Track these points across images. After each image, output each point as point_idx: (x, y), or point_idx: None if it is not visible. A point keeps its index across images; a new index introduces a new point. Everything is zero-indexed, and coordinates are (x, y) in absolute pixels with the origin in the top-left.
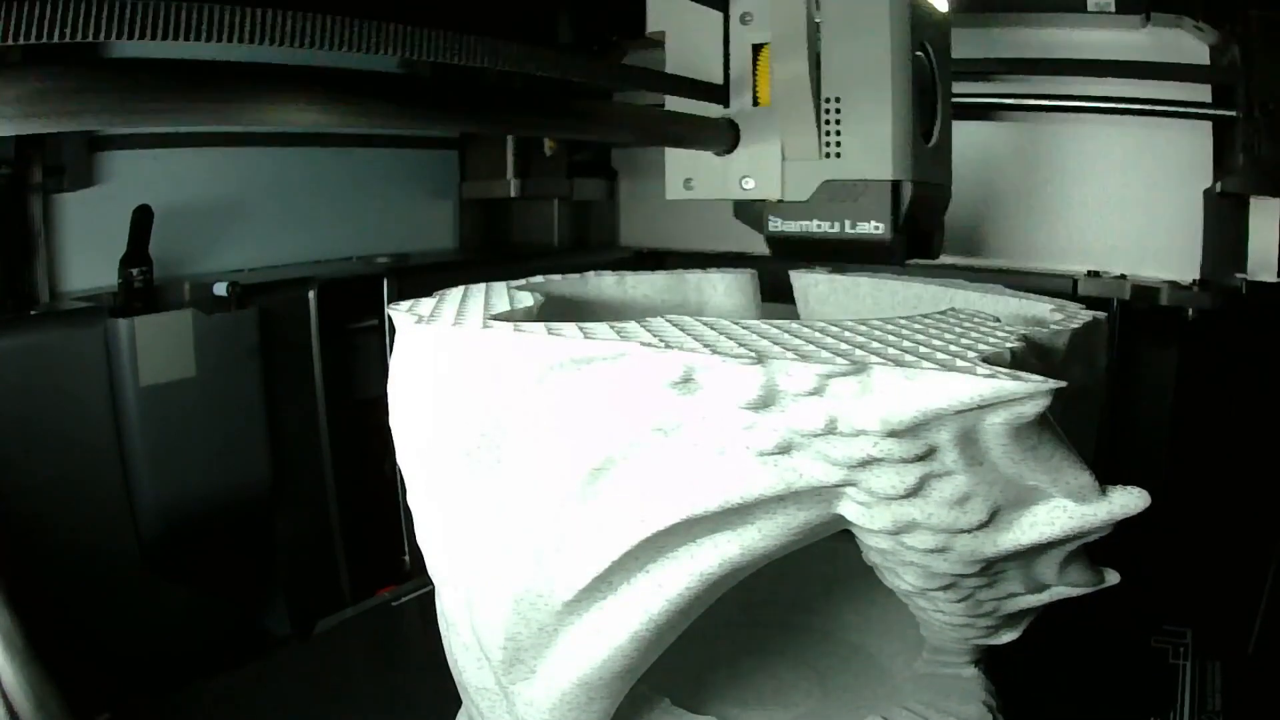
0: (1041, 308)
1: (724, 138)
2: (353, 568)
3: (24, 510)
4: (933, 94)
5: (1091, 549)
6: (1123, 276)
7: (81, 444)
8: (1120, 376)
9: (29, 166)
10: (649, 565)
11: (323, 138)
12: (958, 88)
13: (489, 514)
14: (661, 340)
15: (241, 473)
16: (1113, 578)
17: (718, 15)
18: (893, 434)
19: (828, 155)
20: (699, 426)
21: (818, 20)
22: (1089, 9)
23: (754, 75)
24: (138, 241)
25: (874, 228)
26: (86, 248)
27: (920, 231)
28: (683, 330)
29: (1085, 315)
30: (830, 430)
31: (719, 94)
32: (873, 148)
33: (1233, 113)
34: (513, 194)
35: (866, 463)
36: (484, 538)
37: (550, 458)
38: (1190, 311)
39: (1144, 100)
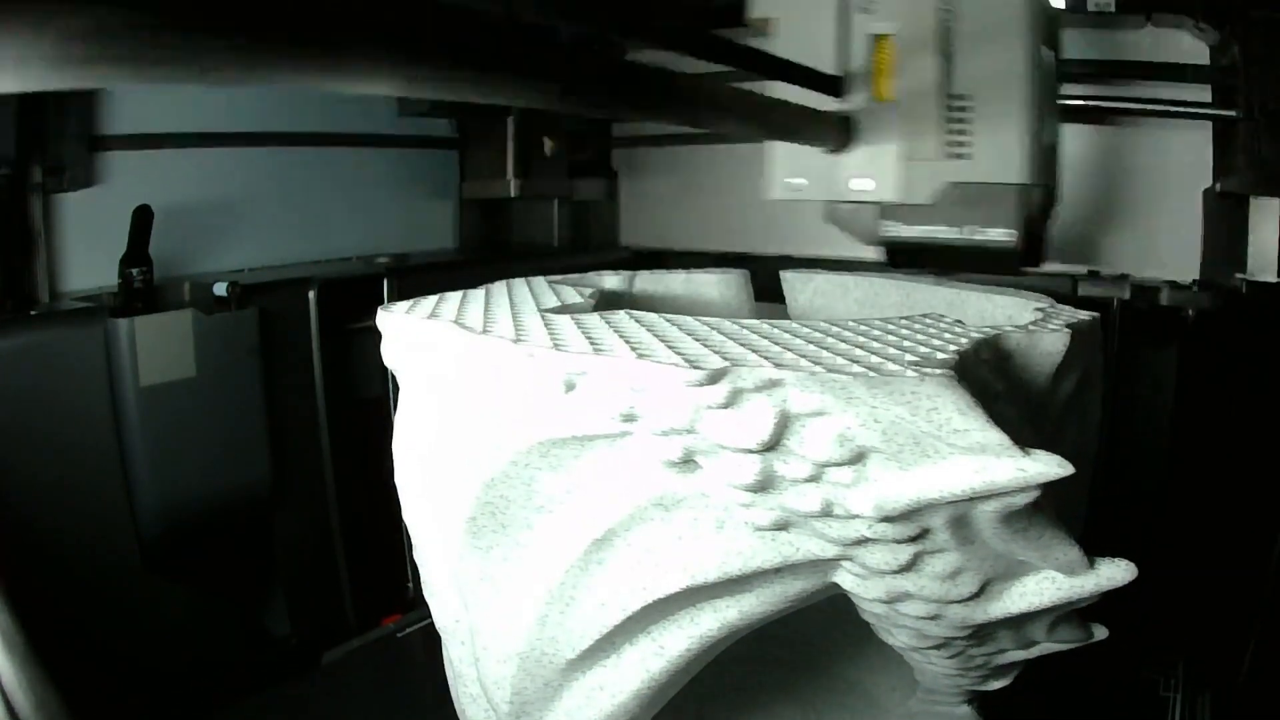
0: (1026, 309)
1: (837, 133)
2: (353, 567)
3: (24, 510)
4: (1049, 93)
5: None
6: (1123, 276)
7: (82, 444)
8: (1120, 376)
9: (29, 166)
10: (650, 628)
11: (322, 137)
12: None
13: (493, 577)
14: (663, 341)
15: (241, 473)
16: (1100, 633)
17: (831, 1)
18: (887, 519)
19: (954, 156)
20: (699, 503)
21: (947, 10)
22: (1089, 9)
23: (874, 68)
24: (138, 241)
25: (1004, 235)
26: (86, 248)
27: (1033, 237)
28: (680, 329)
29: (1067, 319)
30: (826, 513)
31: (834, 85)
32: (1003, 150)
33: (1233, 113)
34: (513, 194)
35: (861, 542)
36: (489, 598)
37: (553, 528)
38: (1190, 311)
39: (1144, 100)
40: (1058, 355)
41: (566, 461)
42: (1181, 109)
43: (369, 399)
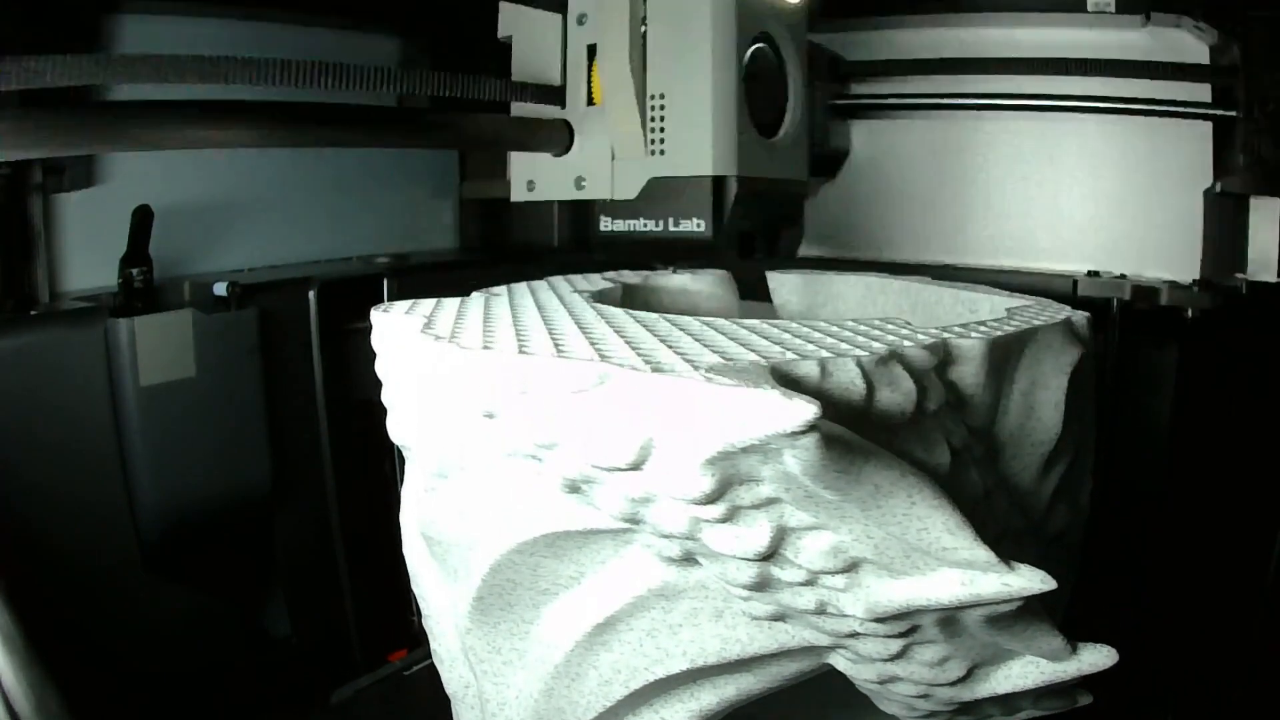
0: (999, 307)
1: (559, 139)
2: (352, 568)
3: (24, 511)
4: (777, 86)
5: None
6: (1123, 276)
7: (81, 444)
8: (1120, 376)
9: (29, 166)
10: (653, 700)
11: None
12: (958, 87)
13: (501, 649)
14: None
15: (241, 473)
16: (1085, 699)
17: (556, 21)
18: (878, 620)
19: (653, 153)
20: (698, 593)
21: (643, 17)
22: (1089, 9)
23: (588, 75)
24: (138, 241)
25: (695, 225)
26: (86, 248)
27: (757, 229)
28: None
29: (1042, 316)
30: (820, 611)
31: (555, 95)
32: (694, 144)
33: (1233, 113)
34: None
35: (854, 635)
36: (498, 669)
37: (558, 610)
38: (1190, 311)
39: (1144, 100)
40: (1049, 445)
41: (570, 551)
42: (1181, 109)
43: (369, 399)
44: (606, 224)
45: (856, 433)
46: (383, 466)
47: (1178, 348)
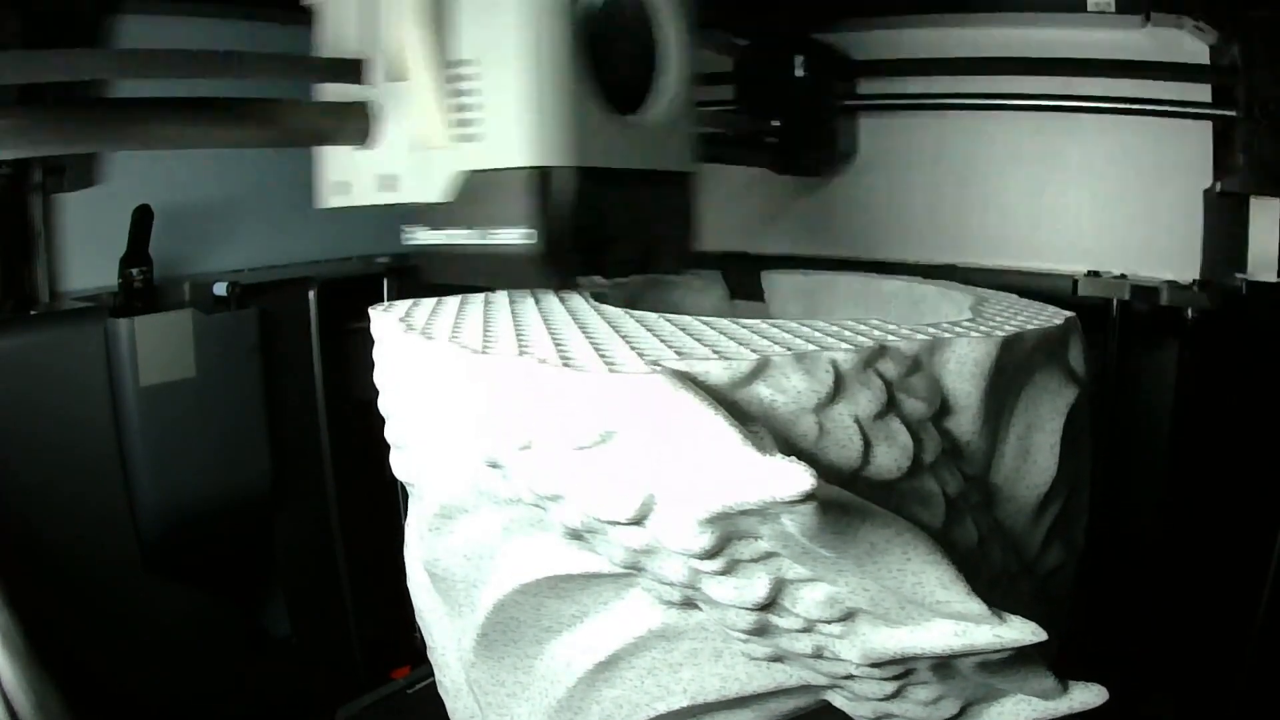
0: (964, 306)
1: (355, 126)
2: (353, 569)
3: (24, 511)
4: (642, 51)
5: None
6: (1123, 276)
7: (82, 444)
8: (1120, 376)
9: (29, 166)
10: None
11: None
12: (958, 87)
13: (505, 682)
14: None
15: (241, 473)
16: None
17: None
18: (874, 665)
19: (464, 139)
20: (698, 634)
21: None
22: (1089, 9)
23: (395, 43)
24: (138, 241)
25: (520, 236)
26: (86, 248)
27: (620, 238)
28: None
29: (1036, 321)
30: (818, 655)
31: (351, 70)
32: (511, 124)
33: (1233, 113)
34: None
35: (850, 676)
36: (503, 701)
37: (561, 646)
38: (1190, 311)
39: (1144, 100)
40: (1044, 486)
41: (573, 593)
42: (1181, 109)
43: (369, 399)
44: (412, 235)
45: (853, 489)
46: (383, 467)
47: (1178, 348)
